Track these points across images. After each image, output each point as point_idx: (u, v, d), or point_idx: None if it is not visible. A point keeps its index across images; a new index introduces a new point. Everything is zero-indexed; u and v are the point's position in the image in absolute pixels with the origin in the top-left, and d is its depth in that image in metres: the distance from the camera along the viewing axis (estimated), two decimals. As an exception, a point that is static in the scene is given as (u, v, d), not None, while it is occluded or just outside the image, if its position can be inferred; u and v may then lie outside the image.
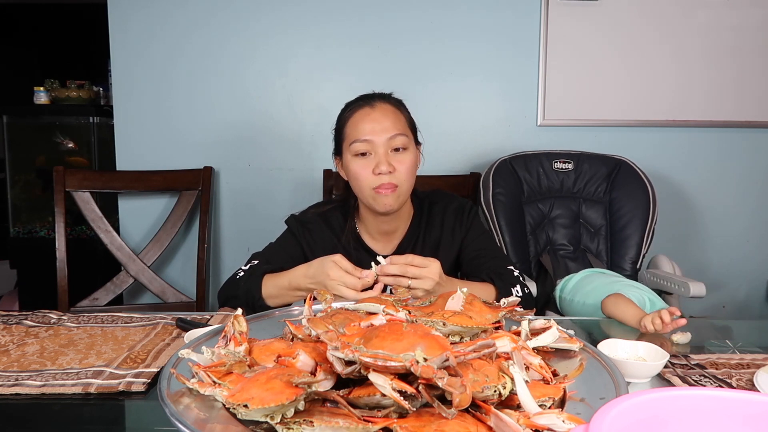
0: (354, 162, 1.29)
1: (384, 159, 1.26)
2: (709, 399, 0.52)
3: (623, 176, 2.01)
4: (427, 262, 1.11)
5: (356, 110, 1.30)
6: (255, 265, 1.31)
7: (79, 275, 2.12)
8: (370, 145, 1.26)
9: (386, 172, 1.25)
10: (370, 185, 1.27)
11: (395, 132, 1.27)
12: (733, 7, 2.19)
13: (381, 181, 1.26)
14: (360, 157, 1.28)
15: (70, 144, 2.90)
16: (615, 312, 1.28)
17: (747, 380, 0.92)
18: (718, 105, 2.24)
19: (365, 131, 1.27)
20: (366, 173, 1.27)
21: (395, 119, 1.29)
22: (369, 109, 1.29)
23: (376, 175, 1.26)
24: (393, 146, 1.27)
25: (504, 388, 0.66)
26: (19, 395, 0.86)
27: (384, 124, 1.27)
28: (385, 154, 1.26)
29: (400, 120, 1.30)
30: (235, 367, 0.74)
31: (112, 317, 1.22)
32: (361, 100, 1.32)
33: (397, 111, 1.31)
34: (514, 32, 2.21)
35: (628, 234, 1.95)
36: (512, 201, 1.98)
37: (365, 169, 1.27)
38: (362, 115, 1.29)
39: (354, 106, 1.32)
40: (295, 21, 2.19)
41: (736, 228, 2.35)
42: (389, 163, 1.26)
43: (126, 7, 2.15)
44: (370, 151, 1.27)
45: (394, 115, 1.29)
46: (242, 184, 2.27)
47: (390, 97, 1.34)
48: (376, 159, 1.26)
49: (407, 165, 1.28)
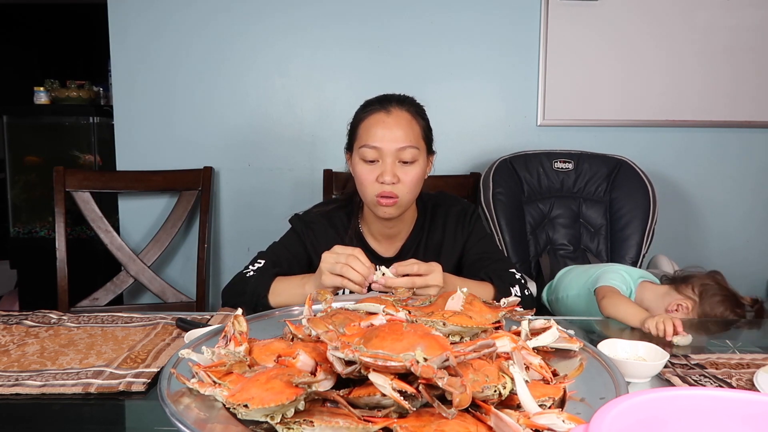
0: (360, 165, 1.29)
1: (390, 169, 1.25)
2: (709, 399, 0.52)
3: (623, 176, 2.01)
4: (430, 269, 1.11)
5: (372, 113, 1.28)
6: (264, 265, 1.31)
7: (79, 275, 2.13)
8: (378, 152, 1.26)
9: (389, 183, 1.25)
10: (373, 192, 1.27)
11: (406, 144, 1.25)
12: (732, 8, 2.19)
13: (383, 188, 1.26)
14: (367, 162, 1.27)
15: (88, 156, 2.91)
16: (615, 313, 1.28)
17: (747, 380, 0.92)
18: (717, 104, 2.24)
19: (376, 138, 1.25)
20: (370, 179, 1.27)
21: (408, 129, 1.27)
22: (384, 114, 1.27)
23: (380, 183, 1.26)
24: (401, 158, 1.26)
25: (504, 388, 0.66)
26: (19, 395, 0.86)
27: (396, 134, 1.25)
28: (392, 164, 1.25)
29: (414, 130, 1.28)
30: (235, 367, 0.74)
31: (112, 317, 1.22)
32: (379, 103, 1.30)
33: (413, 120, 1.29)
34: (514, 33, 2.21)
35: (629, 234, 1.95)
36: (512, 201, 1.98)
37: (370, 174, 1.27)
38: (376, 120, 1.27)
39: (370, 108, 1.30)
40: (295, 22, 2.19)
41: (735, 228, 2.35)
42: (394, 174, 1.25)
43: (126, 7, 2.16)
44: (378, 158, 1.26)
45: (408, 125, 1.27)
46: (242, 184, 2.27)
47: (408, 102, 1.31)
48: (382, 167, 1.25)
49: (412, 178, 1.27)
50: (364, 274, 1.08)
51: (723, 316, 1.38)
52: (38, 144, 3.03)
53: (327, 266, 1.11)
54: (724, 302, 1.40)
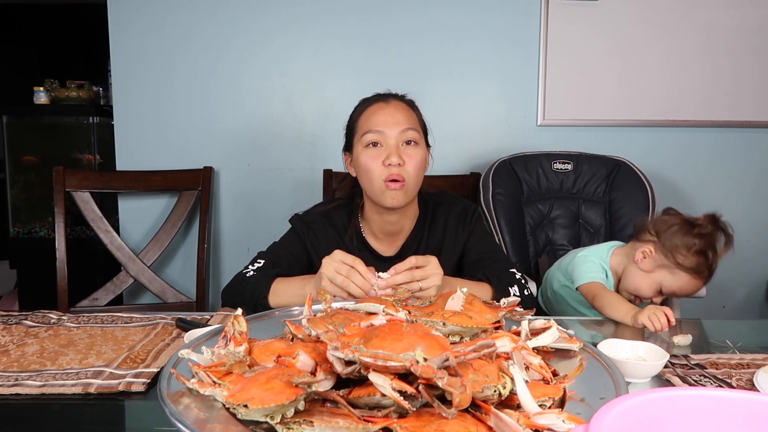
0: (365, 153, 1.30)
1: (395, 151, 1.28)
2: (709, 399, 0.52)
3: (622, 177, 2.01)
4: (426, 260, 1.12)
5: (370, 104, 1.34)
6: (264, 265, 1.31)
7: (79, 275, 2.12)
8: (381, 136, 1.29)
9: (396, 164, 1.27)
10: (380, 176, 1.28)
11: (407, 126, 1.30)
12: (732, 8, 2.19)
13: (390, 171, 1.27)
14: (371, 147, 1.30)
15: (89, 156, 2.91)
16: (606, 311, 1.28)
17: (747, 380, 0.92)
18: (717, 104, 2.24)
19: (378, 123, 1.30)
20: (376, 164, 1.28)
21: (408, 115, 1.33)
22: (383, 103, 1.33)
23: (386, 166, 1.27)
24: (404, 139, 1.30)
25: (504, 388, 0.66)
26: (19, 395, 0.86)
27: (397, 117, 1.30)
28: (396, 146, 1.29)
29: (413, 117, 1.34)
30: (235, 367, 0.74)
31: (112, 317, 1.22)
32: (376, 97, 1.36)
33: (410, 110, 1.35)
34: (514, 32, 2.21)
35: (628, 234, 1.95)
36: (512, 201, 1.98)
37: (376, 159, 1.29)
38: (376, 108, 1.32)
39: (368, 101, 1.36)
40: (295, 21, 2.19)
41: (735, 228, 2.33)
42: (399, 155, 1.27)
43: (126, 7, 2.15)
44: (382, 142, 1.29)
45: (407, 112, 1.33)
46: (242, 184, 2.27)
47: (404, 97, 1.38)
48: (387, 150, 1.28)
49: (417, 160, 1.30)
50: (365, 289, 1.09)
51: (687, 245, 1.37)
52: (38, 144, 3.03)
53: (328, 274, 1.11)
54: (681, 230, 1.39)
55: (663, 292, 1.43)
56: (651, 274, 1.43)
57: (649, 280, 1.43)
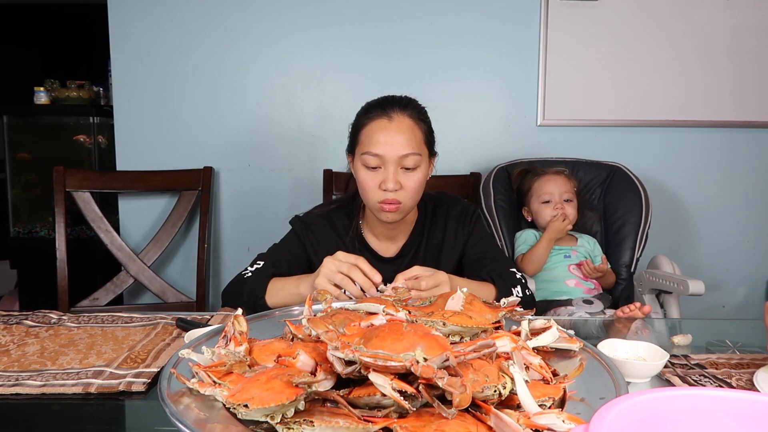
0: (363, 172, 1.29)
1: (392, 177, 1.25)
2: (709, 399, 0.52)
3: (617, 182, 2.03)
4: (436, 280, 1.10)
5: (373, 119, 1.27)
6: (262, 266, 1.31)
7: (79, 275, 2.12)
8: (380, 160, 1.25)
9: (392, 190, 1.25)
10: (376, 198, 1.27)
11: (408, 151, 1.25)
12: (732, 8, 2.19)
13: (386, 196, 1.26)
14: (370, 169, 1.27)
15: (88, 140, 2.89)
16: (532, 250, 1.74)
17: (747, 380, 0.92)
18: (718, 105, 2.24)
19: (378, 145, 1.25)
20: (373, 185, 1.27)
21: (411, 135, 1.26)
22: (386, 121, 1.26)
23: (382, 190, 1.26)
24: (403, 165, 1.26)
25: (504, 388, 0.66)
26: (19, 395, 0.86)
27: (398, 140, 1.24)
28: (395, 171, 1.25)
29: (416, 136, 1.27)
30: (235, 367, 0.74)
31: (112, 317, 1.22)
32: (380, 108, 1.28)
33: (415, 126, 1.28)
34: (514, 33, 2.21)
35: (622, 238, 1.96)
36: (513, 208, 2.00)
37: (372, 181, 1.27)
38: (378, 126, 1.26)
39: (372, 113, 1.29)
40: (296, 23, 2.19)
41: (736, 228, 2.35)
42: (397, 181, 1.25)
43: (126, 7, 2.16)
44: (380, 165, 1.26)
45: (410, 131, 1.26)
46: (242, 184, 2.27)
47: (411, 107, 1.30)
48: (384, 174, 1.25)
49: (414, 184, 1.27)
50: (366, 287, 1.08)
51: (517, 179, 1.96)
52: (38, 144, 3.03)
53: (327, 273, 1.11)
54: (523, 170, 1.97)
55: (544, 201, 1.86)
56: (534, 208, 1.90)
57: (536, 208, 1.89)
